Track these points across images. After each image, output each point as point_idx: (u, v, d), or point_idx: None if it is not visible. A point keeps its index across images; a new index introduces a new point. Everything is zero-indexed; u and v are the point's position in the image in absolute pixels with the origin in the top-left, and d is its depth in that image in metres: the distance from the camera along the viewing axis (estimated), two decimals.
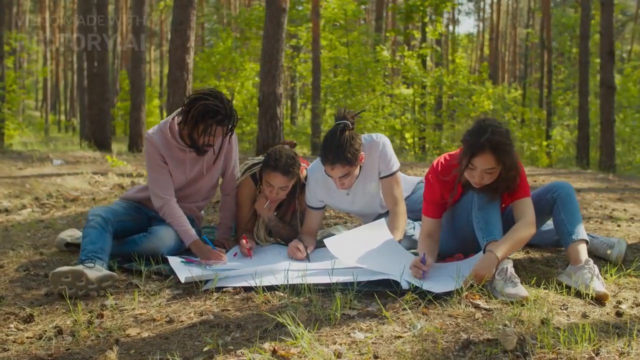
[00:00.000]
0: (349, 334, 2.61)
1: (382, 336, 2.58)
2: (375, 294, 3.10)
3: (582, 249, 3.31)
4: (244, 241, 3.91)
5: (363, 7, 24.50)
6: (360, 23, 25.87)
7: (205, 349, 2.48)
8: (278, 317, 2.69)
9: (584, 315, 2.83)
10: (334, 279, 3.22)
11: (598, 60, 23.37)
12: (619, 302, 3.03)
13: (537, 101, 30.13)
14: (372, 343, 2.51)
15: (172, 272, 3.50)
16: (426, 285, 3.05)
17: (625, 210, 5.79)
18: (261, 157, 4.15)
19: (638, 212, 5.72)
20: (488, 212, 3.33)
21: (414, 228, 4.02)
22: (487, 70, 23.70)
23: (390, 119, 19.43)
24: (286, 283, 3.20)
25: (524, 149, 26.61)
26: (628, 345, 2.48)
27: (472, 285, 3.06)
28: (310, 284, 3.18)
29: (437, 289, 3.02)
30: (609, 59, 14.91)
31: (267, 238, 4.22)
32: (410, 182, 4.37)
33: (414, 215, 4.11)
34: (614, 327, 2.68)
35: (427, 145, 20.53)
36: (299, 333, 2.51)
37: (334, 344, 2.51)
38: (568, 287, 3.17)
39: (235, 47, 22.32)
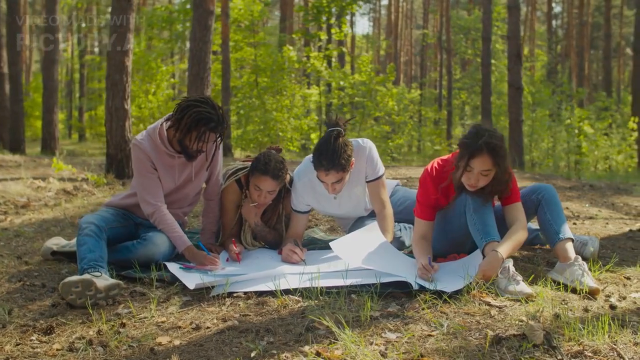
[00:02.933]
0: (380, 334, 2.71)
1: (413, 335, 2.69)
2: (386, 295, 3.22)
3: (570, 247, 3.54)
4: (232, 246, 3.94)
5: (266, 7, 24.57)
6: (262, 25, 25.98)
7: (252, 354, 2.51)
8: (322, 319, 2.76)
9: (585, 309, 3.03)
10: (348, 282, 3.31)
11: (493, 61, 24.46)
12: (608, 296, 3.26)
13: (432, 101, 31.06)
14: (407, 342, 2.62)
15: (174, 278, 3.50)
16: (439, 286, 3.19)
17: (567, 208, 6.14)
18: (245, 163, 4.20)
19: (580, 210, 6.09)
20: (484, 214, 3.50)
21: (400, 230, 4.16)
22: (394, 71, 24.29)
23: (296, 120, 19.63)
24: (311, 286, 3.27)
25: (426, 149, 27.43)
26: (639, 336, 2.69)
27: (478, 284, 3.22)
28: (323, 287, 3.26)
29: (448, 288, 3.16)
30: (516, 61, 15.57)
31: (254, 242, 4.25)
32: (388, 185, 4.50)
33: (395, 217, 4.24)
34: (614, 319, 2.88)
35: None
36: (344, 334, 2.59)
37: (370, 344, 2.60)
38: (559, 284, 3.39)
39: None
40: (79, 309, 3.11)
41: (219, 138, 3.89)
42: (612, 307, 3.10)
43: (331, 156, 3.73)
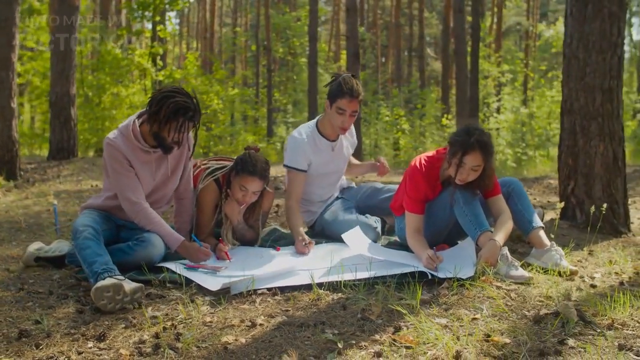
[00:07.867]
0: (431, 320, 2.89)
1: (461, 319, 2.90)
2: (408, 284, 3.41)
3: (543, 234, 3.92)
4: (221, 245, 3.94)
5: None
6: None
7: (339, 345, 2.58)
8: (396, 306, 2.89)
9: (579, 289, 3.41)
10: (372, 273, 3.46)
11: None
12: (581, 277, 3.67)
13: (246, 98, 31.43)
14: (461, 326, 2.82)
15: (186, 279, 3.47)
16: (451, 274, 3.43)
17: None
18: (220, 162, 4.20)
19: None
20: (474, 206, 3.79)
21: (375, 221, 4.40)
22: (220, 68, 24.30)
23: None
24: (352, 279, 3.40)
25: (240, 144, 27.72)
26: None
27: (483, 272, 3.50)
28: (346, 280, 3.39)
29: (462, 275, 3.41)
30: (354, 60, 16.22)
31: (233, 241, 4.25)
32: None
33: (365, 209, 4.52)
34: (606, 295, 3.27)
35: None
36: (419, 320, 2.75)
37: (429, 329, 2.77)
38: (540, 267, 3.76)
39: None
40: (107, 314, 3.02)
41: (196, 127, 3.85)
42: (593, 285, 3.51)
43: (355, 85, 4.27)
